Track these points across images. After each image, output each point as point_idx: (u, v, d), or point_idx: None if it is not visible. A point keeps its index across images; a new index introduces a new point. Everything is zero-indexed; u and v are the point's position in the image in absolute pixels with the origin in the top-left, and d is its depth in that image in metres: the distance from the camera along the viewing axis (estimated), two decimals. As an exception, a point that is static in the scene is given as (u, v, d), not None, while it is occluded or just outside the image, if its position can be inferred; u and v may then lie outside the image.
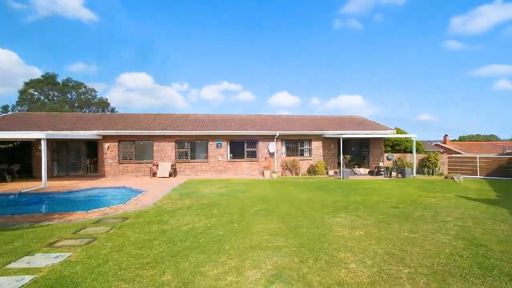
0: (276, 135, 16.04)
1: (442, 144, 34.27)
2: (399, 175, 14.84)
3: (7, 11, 51.69)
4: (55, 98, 40.96)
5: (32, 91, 39.49)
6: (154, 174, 14.67)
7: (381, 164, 16.42)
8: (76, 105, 42.30)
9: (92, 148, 16.00)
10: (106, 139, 15.21)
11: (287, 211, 6.35)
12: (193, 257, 3.59)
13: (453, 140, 45.90)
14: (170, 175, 14.64)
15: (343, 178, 13.93)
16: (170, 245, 4.10)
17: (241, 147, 16.40)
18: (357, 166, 17.31)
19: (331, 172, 16.15)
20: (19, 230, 5.02)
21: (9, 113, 22.26)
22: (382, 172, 15.58)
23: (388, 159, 17.69)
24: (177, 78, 72.11)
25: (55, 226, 5.35)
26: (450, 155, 17.41)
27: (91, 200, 9.55)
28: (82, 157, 16.34)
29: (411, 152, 20.08)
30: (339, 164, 16.79)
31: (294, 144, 16.91)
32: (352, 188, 10.22)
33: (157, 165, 14.95)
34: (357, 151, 18.47)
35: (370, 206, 6.96)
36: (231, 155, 16.38)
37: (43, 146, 11.48)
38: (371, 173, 16.37)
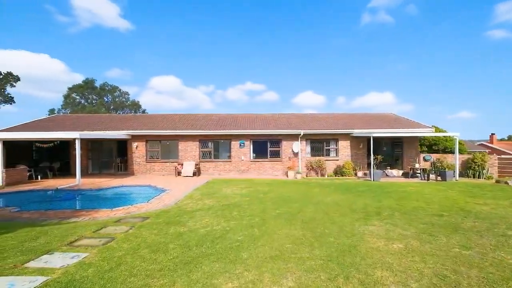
0: (300, 134, 15.43)
1: (488, 144, 30.72)
2: (439, 178, 13.40)
3: (54, 23, 57.14)
4: (93, 101, 44.24)
5: (74, 95, 43.14)
6: (179, 173, 14.90)
7: (417, 165, 15.00)
8: (111, 107, 45.28)
9: (122, 147, 16.72)
10: (134, 139, 15.78)
11: (312, 216, 5.84)
12: (207, 265, 3.30)
13: (501, 140, 41.05)
14: (194, 174, 14.76)
15: (373, 180, 12.92)
16: (185, 249, 3.86)
17: (264, 147, 16.04)
18: (389, 167, 16.03)
19: (360, 174, 15.13)
20: (47, 227, 5.16)
21: (52, 115, 24.30)
22: (418, 174, 14.21)
23: (425, 160, 16.15)
24: (203, 80, 73.94)
25: (79, 224, 5.44)
26: (500, 156, 15.37)
27: (117, 198, 9.85)
28: (113, 156, 17.15)
29: (451, 152, 18.19)
30: (369, 165, 15.68)
31: (320, 144, 16.14)
32: (385, 191, 9.34)
33: (182, 164, 15.17)
34: (389, 151, 17.14)
35: (407, 212, 6.18)
36: (254, 154, 16.09)
37: (77, 145, 12.16)
38: (405, 175, 15.04)
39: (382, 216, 5.84)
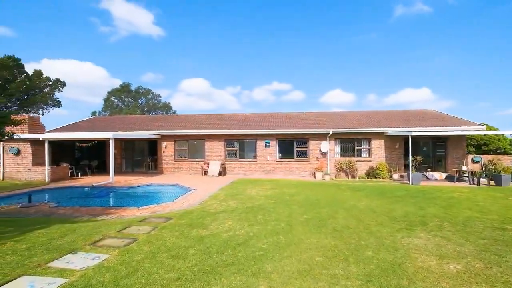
0: (329, 133, 14.62)
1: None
2: (492, 183, 11.73)
3: (97, 34, 62.49)
4: (129, 104, 47.21)
5: (113, 99, 46.48)
6: (205, 173, 14.99)
7: (464, 167, 13.33)
8: (145, 109, 47.94)
9: (153, 147, 17.35)
10: (164, 139, 16.25)
11: (345, 223, 5.27)
12: (226, 278, 2.99)
13: None
14: (220, 173, 14.74)
15: (412, 184, 11.72)
16: (205, 256, 3.60)
17: (290, 147, 15.50)
18: (429, 169, 14.52)
19: (395, 176, 13.89)
20: (76, 224, 5.29)
21: (92, 117, 26.25)
22: (466, 178, 12.60)
23: (474, 161, 14.34)
24: (230, 81, 75.09)
25: (106, 222, 5.51)
26: None
27: (145, 196, 10.09)
28: (145, 155, 17.88)
29: (504, 153, 15.97)
30: (406, 166, 14.36)
31: (350, 143, 15.16)
32: (428, 197, 8.31)
33: (208, 164, 15.26)
34: (429, 152, 15.56)
35: (459, 223, 5.30)
36: (280, 154, 15.63)
37: (111, 145, 12.78)
38: (449, 178, 13.45)
39: (428, 227, 5.05)
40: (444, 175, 13.90)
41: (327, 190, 9.81)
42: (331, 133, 14.57)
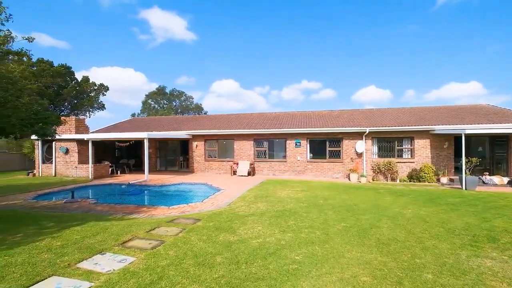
0: (365, 132, 13.53)
1: None
2: None
3: (137, 42, 67.44)
4: (164, 106, 49.86)
5: (150, 101, 49.53)
6: (234, 172, 14.90)
7: (533, 171, 11.32)
8: (179, 110, 50.21)
9: (185, 146, 17.82)
10: (194, 139, 16.55)
11: (391, 235, 4.58)
12: (257, 296, 2.64)
13: None
14: (249, 173, 14.54)
15: (466, 189, 10.26)
16: (233, 267, 3.29)
17: (322, 146, 14.70)
18: (487, 173, 12.64)
19: (443, 180, 12.34)
20: (109, 222, 5.39)
21: (130, 118, 28.03)
22: (537, 184, 10.67)
23: (545, 164, 12.13)
24: (259, 81, 75.29)
25: (137, 221, 5.53)
26: None
27: (176, 195, 10.23)
28: (177, 155, 18.45)
29: None
30: (456, 169, 12.72)
31: (389, 143, 13.87)
32: (490, 206, 7.07)
33: (237, 164, 15.15)
34: (485, 152, 13.60)
35: (541, 241, 4.28)
36: (311, 154, 14.91)
37: (146, 144, 13.31)
38: (513, 183, 11.55)
39: (500, 244, 4.14)
40: (505, 179, 11.98)
41: (365, 194, 8.96)
42: (367, 131, 13.47)
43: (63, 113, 30.47)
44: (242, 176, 14.38)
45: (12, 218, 5.90)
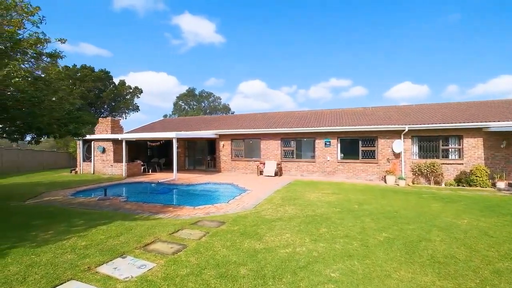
0: (404, 130, 12.29)
1: None
2: None
3: (170, 47, 71.00)
4: (193, 107, 51.54)
5: (180, 103, 51.55)
6: (261, 172, 14.57)
7: None
8: (207, 111, 51.59)
9: (212, 146, 17.95)
10: (221, 138, 16.55)
11: (448, 251, 3.82)
12: (286, 324, 2.21)
13: None
14: (276, 174, 14.09)
15: (533, 196, 8.71)
16: (259, 282, 2.90)
17: (354, 146, 13.70)
18: (558, 177, 10.70)
19: (501, 184, 10.71)
20: (134, 222, 5.35)
21: (161, 119, 29.23)
22: None
23: None
24: (286, 81, 74.45)
25: (161, 222, 5.42)
26: None
27: (202, 195, 10.16)
28: (205, 154, 18.66)
29: None
30: (519, 172, 10.98)
31: (432, 142, 12.45)
32: None
33: (264, 163, 14.79)
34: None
35: None
36: (342, 155, 13.99)
37: (174, 144, 13.54)
38: None
39: None
40: None
41: (406, 199, 8.01)
42: (407, 129, 12.22)
43: (102, 115, 32.86)
44: (268, 176, 13.98)
45: (50, 214, 6.17)
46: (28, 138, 6.83)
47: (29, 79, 4.47)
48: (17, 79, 3.79)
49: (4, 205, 7.26)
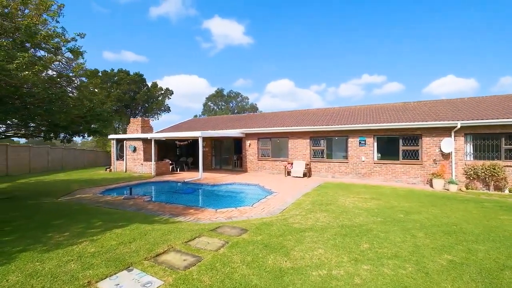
0: (456, 126, 10.62)
1: None
2: None
3: (201, 50, 73.48)
4: (222, 107, 52.35)
5: (209, 103, 52.75)
6: (289, 173, 13.78)
7: None
8: (235, 111, 52.03)
9: (238, 145, 17.59)
10: (247, 137, 16.08)
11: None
12: None
13: None
14: (304, 175, 13.21)
15: None
16: (285, 320, 2.24)
17: (393, 145, 12.25)
18: None
19: None
20: (151, 226, 5.00)
21: (190, 119, 29.82)
22: None
23: None
24: (314, 79, 72.23)
25: (179, 226, 5.00)
26: None
27: (226, 196, 9.72)
28: (231, 153, 18.38)
29: None
30: None
31: (491, 141, 10.57)
32: None
33: (292, 164, 13.98)
34: None
35: None
36: (379, 155, 12.62)
37: (200, 143, 13.37)
38: None
39: None
40: None
41: (465, 209, 6.66)
42: (459, 126, 10.53)
43: (137, 116, 34.58)
44: (297, 177, 13.15)
45: (73, 213, 6.15)
46: (61, 137, 6.96)
47: (44, 74, 4.37)
48: (26, 72, 3.66)
49: (38, 201, 7.52)
